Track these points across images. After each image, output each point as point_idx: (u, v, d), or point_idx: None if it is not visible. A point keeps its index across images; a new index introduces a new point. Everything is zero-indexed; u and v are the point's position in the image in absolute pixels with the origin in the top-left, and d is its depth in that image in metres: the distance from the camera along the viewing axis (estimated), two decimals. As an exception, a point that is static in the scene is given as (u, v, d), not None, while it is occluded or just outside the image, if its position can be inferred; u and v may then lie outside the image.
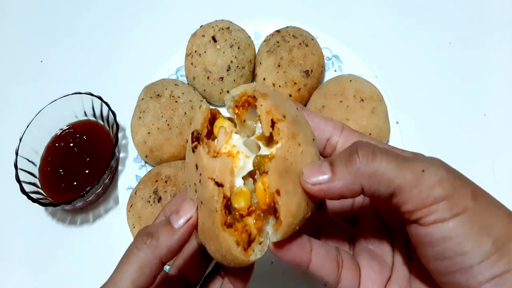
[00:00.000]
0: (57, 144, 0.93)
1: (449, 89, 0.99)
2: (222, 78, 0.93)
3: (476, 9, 1.09)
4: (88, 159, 0.90)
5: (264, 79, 0.91)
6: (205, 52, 0.93)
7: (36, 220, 0.94)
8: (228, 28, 0.95)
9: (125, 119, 0.96)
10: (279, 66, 0.89)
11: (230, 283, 0.45)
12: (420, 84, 1.00)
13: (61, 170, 0.90)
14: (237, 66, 0.93)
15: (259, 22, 1.05)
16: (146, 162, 0.93)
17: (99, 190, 0.88)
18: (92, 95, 0.93)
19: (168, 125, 0.87)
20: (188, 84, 0.97)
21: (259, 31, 1.04)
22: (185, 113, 0.89)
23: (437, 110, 0.96)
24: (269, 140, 0.42)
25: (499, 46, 1.03)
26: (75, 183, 0.88)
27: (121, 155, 0.94)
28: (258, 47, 0.99)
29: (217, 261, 0.43)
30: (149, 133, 0.87)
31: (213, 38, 0.93)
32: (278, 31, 0.96)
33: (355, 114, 0.82)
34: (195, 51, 0.94)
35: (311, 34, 0.96)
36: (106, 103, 0.92)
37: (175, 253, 0.42)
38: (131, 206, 0.82)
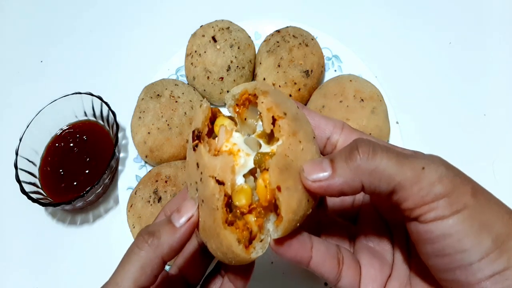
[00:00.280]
0: (57, 144, 0.93)
1: (449, 89, 0.99)
2: (222, 78, 0.93)
3: (476, 9, 1.09)
4: (88, 159, 0.90)
5: (264, 79, 0.91)
6: (205, 52, 0.93)
7: (36, 220, 0.94)
8: (228, 28, 0.95)
9: (125, 119, 0.96)
10: (279, 66, 0.89)
11: (231, 282, 0.45)
12: (420, 84, 1.00)
13: (61, 170, 0.90)
14: (237, 66, 0.93)
15: (259, 22, 1.05)
16: (146, 162, 0.93)
17: (99, 190, 0.88)
18: (92, 95, 0.93)
19: (168, 125, 0.87)
20: (188, 84, 0.97)
21: (259, 31, 1.04)
22: (185, 113, 0.89)
23: (437, 110, 0.97)
24: (270, 138, 0.42)
25: (499, 46, 1.03)
26: (75, 183, 0.88)
27: (121, 155, 0.94)
28: (258, 47, 0.99)
29: (218, 260, 0.43)
30: (149, 133, 0.87)
31: (213, 38, 0.93)
32: (278, 31, 0.96)
33: (355, 114, 0.82)
34: (195, 51, 0.94)
35: (311, 34, 0.96)
36: (106, 103, 0.92)
37: (177, 252, 0.42)
38: (131, 206, 0.82)
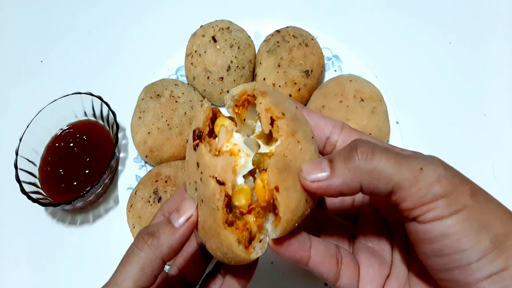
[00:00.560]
0: (57, 144, 0.93)
1: (449, 89, 0.99)
2: (222, 78, 0.93)
3: (476, 9, 1.09)
4: (88, 159, 0.90)
5: (264, 79, 0.91)
6: (205, 52, 0.93)
7: (36, 220, 0.94)
8: (228, 28, 0.95)
9: (125, 119, 0.96)
10: (279, 66, 0.89)
11: (233, 280, 0.45)
12: (420, 84, 1.00)
13: (61, 170, 0.90)
14: (237, 66, 0.93)
15: (259, 22, 1.05)
16: (146, 162, 0.93)
17: (99, 190, 0.88)
18: (92, 95, 0.93)
19: (168, 125, 0.87)
20: (188, 84, 0.97)
21: (259, 31, 1.04)
22: (185, 113, 0.89)
23: (437, 110, 0.96)
24: (269, 139, 0.42)
25: (499, 46, 1.03)
26: (75, 183, 0.88)
27: (121, 155, 0.94)
28: (258, 47, 0.99)
29: (217, 259, 0.43)
30: (149, 133, 0.87)
31: (213, 38, 0.93)
32: (278, 31, 0.96)
33: (355, 114, 0.82)
34: (195, 51, 0.94)
35: (311, 34, 0.96)
36: (106, 103, 0.92)
37: (177, 252, 0.42)
38: (131, 206, 0.82)
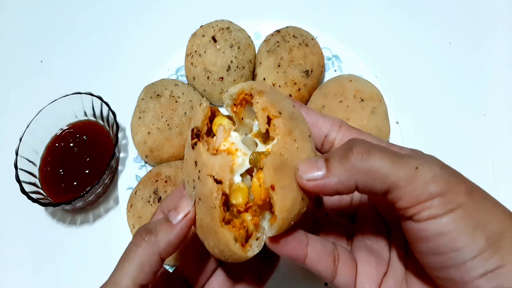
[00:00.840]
0: (57, 144, 0.93)
1: (449, 89, 0.99)
2: (222, 78, 0.93)
3: (476, 9, 1.09)
4: (88, 159, 0.90)
5: (264, 79, 0.91)
6: (205, 52, 0.93)
7: (36, 220, 0.94)
8: (228, 28, 0.95)
9: (125, 119, 0.96)
10: (279, 66, 0.89)
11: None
12: (420, 84, 1.00)
13: (61, 170, 0.90)
14: (237, 66, 0.93)
15: (259, 22, 1.05)
16: (146, 162, 0.93)
17: (99, 190, 0.88)
18: (92, 95, 0.93)
19: (168, 125, 0.87)
20: (188, 84, 0.97)
21: (259, 31, 1.04)
22: (185, 113, 0.89)
23: (437, 110, 0.96)
24: (266, 138, 0.42)
25: (499, 46, 1.03)
26: (75, 183, 0.88)
27: (121, 155, 0.94)
28: (258, 47, 0.99)
29: (215, 257, 0.43)
30: (149, 133, 0.87)
31: (213, 38, 0.93)
32: (278, 31, 0.96)
33: (355, 114, 0.82)
34: (195, 51, 0.94)
35: (311, 34, 0.96)
36: (106, 103, 0.92)
37: (175, 249, 0.43)
38: (131, 206, 0.82)
